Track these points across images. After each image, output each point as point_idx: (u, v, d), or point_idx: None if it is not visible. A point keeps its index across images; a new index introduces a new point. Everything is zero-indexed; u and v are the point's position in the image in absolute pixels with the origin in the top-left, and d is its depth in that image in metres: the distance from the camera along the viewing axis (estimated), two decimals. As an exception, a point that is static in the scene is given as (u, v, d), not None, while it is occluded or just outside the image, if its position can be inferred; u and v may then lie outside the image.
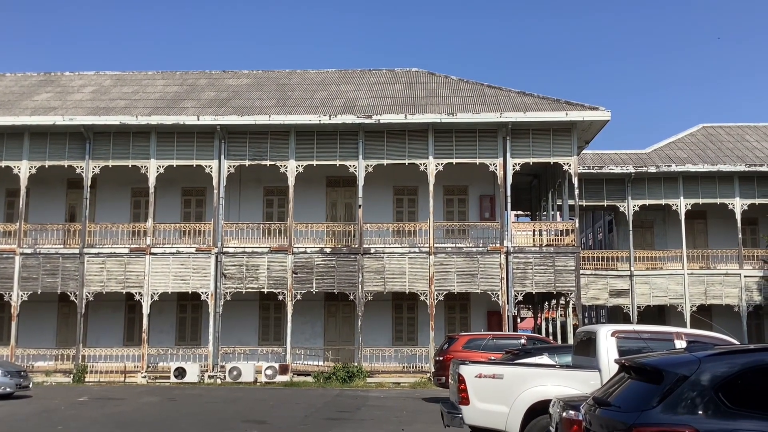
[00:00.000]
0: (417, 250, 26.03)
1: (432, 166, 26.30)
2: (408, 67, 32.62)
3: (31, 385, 20.33)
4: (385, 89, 29.89)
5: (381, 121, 25.96)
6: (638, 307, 31.34)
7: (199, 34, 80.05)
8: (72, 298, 26.28)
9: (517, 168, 26.31)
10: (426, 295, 25.75)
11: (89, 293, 26.16)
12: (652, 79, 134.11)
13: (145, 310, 25.99)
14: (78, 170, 26.87)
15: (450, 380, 11.35)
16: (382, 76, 32.06)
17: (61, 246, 26.82)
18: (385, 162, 26.62)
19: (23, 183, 26.82)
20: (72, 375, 25.25)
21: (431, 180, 26.22)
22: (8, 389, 19.08)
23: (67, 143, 26.96)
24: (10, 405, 17.83)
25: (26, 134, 26.87)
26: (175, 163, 26.79)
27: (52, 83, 31.73)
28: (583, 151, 30.07)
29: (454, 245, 26.32)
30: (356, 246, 26.18)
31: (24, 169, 26.85)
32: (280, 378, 24.68)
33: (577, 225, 26.88)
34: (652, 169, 31.32)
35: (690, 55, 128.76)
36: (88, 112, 27.11)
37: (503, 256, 25.63)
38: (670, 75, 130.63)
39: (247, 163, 26.86)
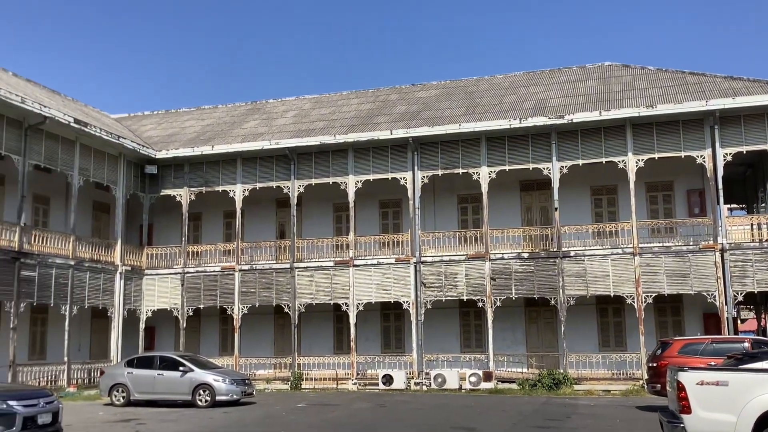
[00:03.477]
0: (620, 251, 24.91)
1: (632, 162, 25.10)
2: (600, 62, 31.45)
3: (254, 392, 21.97)
4: (576, 87, 29.02)
5: (574, 121, 25.22)
6: None
7: (389, 51, 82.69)
8: (286, 309, 28.09)
9: (729, 158, 24.37)
10: (633, 298, 24.55)
11: (301, 305, 27.81)
12: None
13: (352, 320, 27.13)
14: (285, 190, 28.72)
15: (667, 388, 10.72)
16: (572, 73, 31.17)
17: (274, 261, 28.75)
18: (580, 162, 25.82)
19: (238, 205, 29.14)
20: (289, 382, 26.93)
21: (632, 177, 25.02)
22: (235, 396, 20.74)
23: (275, 165, 28.93)
24: (237, 411, 19.36)
25: (239, 160, 29.19)
26: (371, 177, 27.80)
27: (259, 111, 34.26)
28: (806, 135, 27.18)
29: (661, 244, 24.89)
30: (554, 249, 25.57)
31: (238, 192, 29.17)
32: (484, 385, 24.65)
33: (803, 216, 24.32)
34: None
35: None
36: (292, 135, 28.92)
37: (718, 253, 23.82)
38: None
39: (439, 172, 27.24)
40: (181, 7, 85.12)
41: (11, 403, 12.05)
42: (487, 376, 24.93)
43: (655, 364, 18.21)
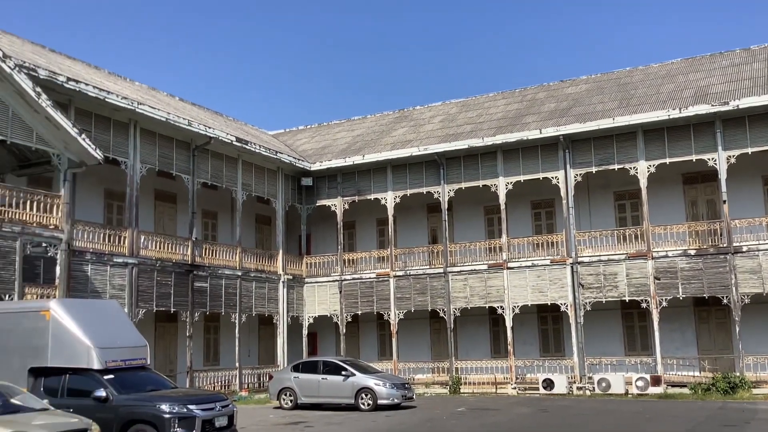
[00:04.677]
0: (800, 244, 22.95)
1: (809, 147, 23.06)
2: (766, 42, 29.18)
3: (414, 396, 22.21)
4: (740, 71, 27.09)
5: (740, 107, 23.54)
6: None
7: (535, 49, 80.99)
8: (441, 314, 28.21)
9: None
10: (817, 295, 22.53)
11: (455, 309, 27.82)
12: None
13: (508, 323, 26.79)
14: (435, 195, 28.88)
15: None
16: (735, 57, 29.14)
17: (427, 266, 28.97)
18: (749, 150, 24.05)
19: (390, 212, 29.65)
20: (448, 386, 26.99)
21: (810, 163, 23.00)
22: (396, 400, 21.07)
23: (424, 171, 29.18)
24: (398, 415, 19.66)
25: (388, 167, 29.72)
26: (522, 178, 27.35)
27: (406, 118, 34.72)
28: None
29: None
30: (725, 245, 23.96)
31: (390, 199, 29.69)
32: (652, 390, 23.50)
33: None
34: None
35: None
36: (439, 140, 29.04)
37: None
38: None
39: (593, 169, 26.34)
40: (331, 25, 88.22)
41: (191, 407, 12.95)
42: (656, 381, 23.74)
43: None
